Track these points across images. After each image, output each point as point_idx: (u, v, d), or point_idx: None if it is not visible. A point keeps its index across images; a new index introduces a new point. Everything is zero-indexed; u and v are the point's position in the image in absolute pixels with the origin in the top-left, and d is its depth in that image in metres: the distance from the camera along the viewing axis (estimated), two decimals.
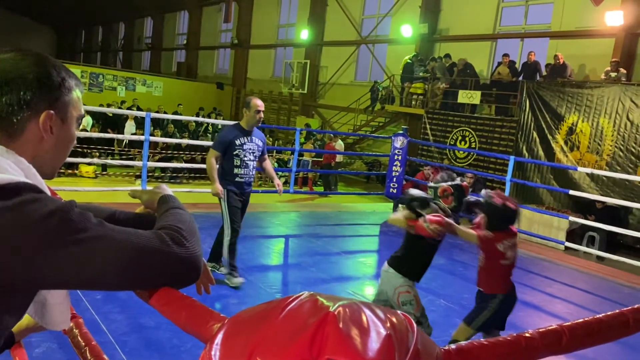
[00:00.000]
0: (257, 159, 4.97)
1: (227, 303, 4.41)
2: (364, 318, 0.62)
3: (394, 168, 9.56)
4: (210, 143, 13.12)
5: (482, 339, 0.84)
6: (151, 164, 8.76)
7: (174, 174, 11.62)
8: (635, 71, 11.00)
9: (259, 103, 4.80)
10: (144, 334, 3.78)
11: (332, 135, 13.94)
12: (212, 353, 0.63)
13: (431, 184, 3.69)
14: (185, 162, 11.75)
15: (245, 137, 4.80)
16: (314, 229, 8.02)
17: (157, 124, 14.47)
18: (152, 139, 8.45)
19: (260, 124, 5.03)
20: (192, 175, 11.63)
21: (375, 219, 9.29)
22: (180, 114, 15.99)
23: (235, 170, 4.79)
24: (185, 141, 11.35)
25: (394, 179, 9.55)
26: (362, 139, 16.47)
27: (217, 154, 4.76)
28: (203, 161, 12.48)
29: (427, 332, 3.59)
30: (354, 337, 0.58)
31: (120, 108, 15.82)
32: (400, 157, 9.49)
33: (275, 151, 13.93)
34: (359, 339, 0.58)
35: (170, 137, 12.95)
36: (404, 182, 9.67)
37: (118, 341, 3.57)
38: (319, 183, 12.97)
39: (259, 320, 0.64)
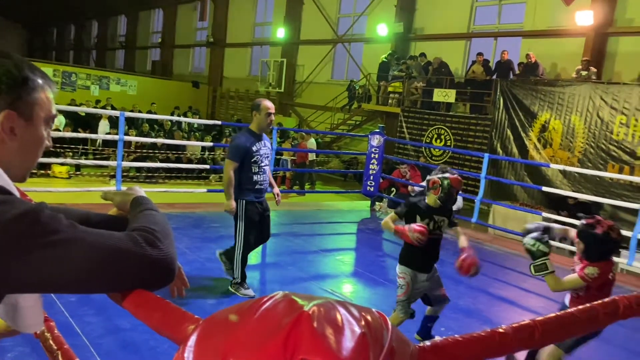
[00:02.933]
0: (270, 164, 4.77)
1: (204, 304, 4.37)
2: (338, 317, 0.62)
3: (370, 166, 9.60)
4: (188, 142, 13.04)
5: (456, 335, 0.85)
6: (126, 163, 8.63)
7: (150, 174, 11.48)
8: (605, 70, 11.25)
9: (269, 105, 4.54)
10: (120, 336, 3.72)
11: (303, 134, 13.95)
12: (186, 355, 0.63)
13: (428, 177, 3.83)
14: (161, 161, 11.62)
15: (259, 142, 4.51)
16: (292, 228, 8.01)
17: (132, 123, 14.28)
18: (127, 138, 8.32)
19: (271, 127, 4.86)
20: (168, 175, 11.51)
21: (352, 217, 9.32)
22: (155, 113, 15.79)
23: (255, 178, 4.51)
24: (160, 140, 11.21)
25: (371, 177, 9.59)
26: (339, 137, 16.51)
27: (236, 165, 4.42)
28: (178, 160, 12.36)
29: (402, 317, 3.78)
30: (328, 336, 0.57)
31: (96, 108, 15.57)
32: (377, 156, 9.53)
33: None
34: (334, 338, 0.58)
35: (145, 136, 12.79)
36: (381, 180, 9.72)
37: (93, 344, 3.51)
38: (298, 182, 12.97)
39: (232, 322, 0.63)
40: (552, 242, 3.26)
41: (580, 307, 1.08)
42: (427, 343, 0.80)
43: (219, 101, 23.27)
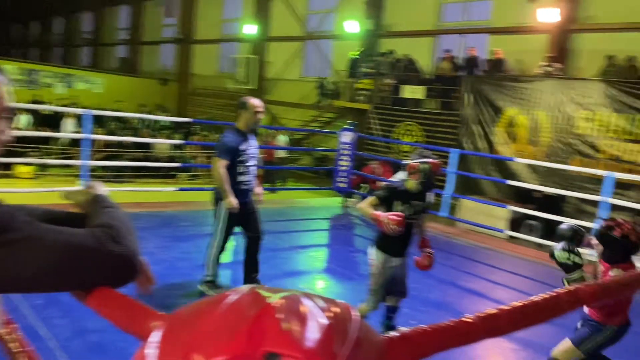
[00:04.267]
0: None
1: (173, 303, 4.30)
2: (303, 309, 0.61)
3: (341, 163, 9.63)
4: (157, 140, 12.86)
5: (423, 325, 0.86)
6: (92, 163, 8.45)
7: (117, 173, 11.27)
8: (569, 65, 11.54)
9: (257, 103, 4.43)
10: (88, 338, 3.65)
11: (272, 131, 13.93)
12: (147, 351, 0.61)
13: (405, 162, 3.83)
14: (129, 160, 11.42)
15: (246, 142, 4.41)
16: (264, 225, 7.98)
17: (99, 121, 13.99)
18: (93, 137, 8.15)
19: (258, 126, 4.65)
20: (136, 174, 11.32)
21: (324, 213, 9.34)
22: (121, 111, 15.51)
23: (240, 178, 4.41)
24: (128, 139, 11.02)
25: (342, 174, 9.63)
26: (311, 134, 16.52)
27: (226, 163, 4.30)
28: (146, 159, 12.17)
29: (372, 306, 3.81)
30: (293, 327, 0.57)
31: (61, 106, 15.20)
32: (347, 152, 9.57)
33: None
34: (298, 330, 0.57)
35: (113, 135, 12.55)
36: (352, 177, 9.76)
37: (61, 346, 3.43)
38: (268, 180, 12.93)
39: (197, 316, 0.62)
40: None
41: (543, 295, 1.11)
42: (395, 333, 0.80)
43: (188, 98, 22.99)
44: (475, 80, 11.32)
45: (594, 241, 3.15)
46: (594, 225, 6.53)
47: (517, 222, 8.79)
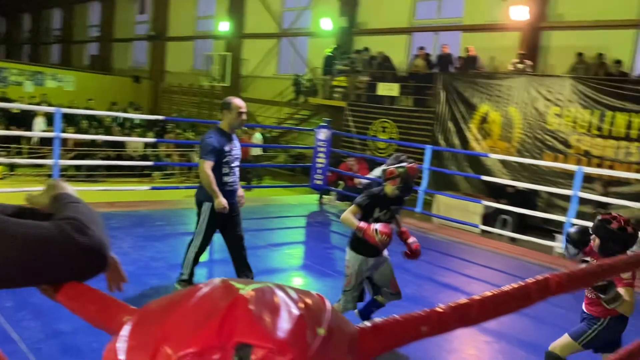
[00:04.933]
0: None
1: (147, 301, 4.26)
2: (275, 299, 0.61)
3: (318, 160, 9.64)
4: (130, 138, 12.67)
5: (396, 315, 0.87)
6: (64, 162, 8.29)
7: (90, 172, 11.08)
8: (540, 62, 11.75)
9: (240, 103, 4.36)
10: (61, 340, 3.58)
11: (246, 129, 13.87)
12: (118, 345, 0.61)
13: (382, 167, 3.81)
14: (101, 159, 11.23)
15: (230, 142, 4.34)
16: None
17: (70, 120, 13.72)
18: (64, 135, 7.99)
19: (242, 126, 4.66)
20: (109, 172, 11.14)
21: (301, 210, 9.33)
22: (92, 110, 15.23)
23: (225, 179, 4.32)
24: (101, 137, 10.84)
25: (318, 171, 9.64)
26: (287, 132, 16.48)
27: (212, 163, 4.22)
28: (119, 158, 11.98)
29: (347, 306, 3.81)
30: (265, 318, 0.57)
31: (34, 105, 14.86)
32: (323, 149, 9.58)
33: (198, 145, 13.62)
34: (270, 320, 0.57)
35: (84, 133, 12.32)
36: (329, 174, 9.78)
37: (32, 349, 3.36)
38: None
39: (167, 309, 0.62)
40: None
41: (514, 285, 1.13)
42: (368, 324, 0.81)
43: (161, 96, 22.71)
44: (449, 77, 11.44)
45: (592, 237, 3.17)
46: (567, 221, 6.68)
47: (490, 217, 8.93)
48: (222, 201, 4.25)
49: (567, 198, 7.55)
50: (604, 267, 1.46)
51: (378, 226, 3.51)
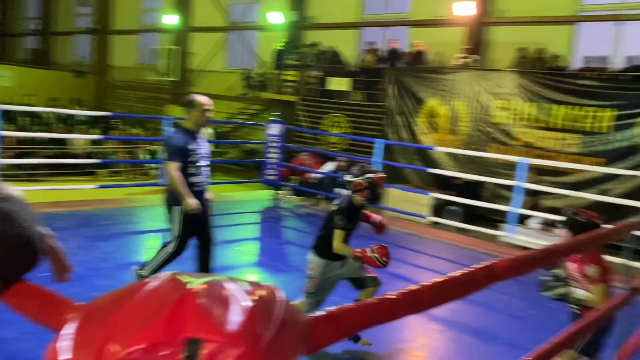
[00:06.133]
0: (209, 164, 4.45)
1: None
2: (225, 292, 0.60)
3: (270, 155, 9.59)
4: (74, 136, 12.20)
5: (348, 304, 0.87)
6: (4, 161, 7.90)
7: (32, 171, 10.61)
8: (484, 57, 12.10)
9: (204, 100, 4.23)
10: (3, 347, 3.43)
11: None
12: (60, 344, 0.58)
13: (347, 178, 3.78)
14: (44, 157, 10.78)
15: (195, 141, 4.21)
16: None
17: (9, 117, 13.09)
18: (3, 133, 7.61)
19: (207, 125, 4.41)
20: (53, 171, 10.71)
21: (254, 206, 9.27)
22: (32, 106, 14.59)
23: (192, 179, 4.19)
24: (44, 135, 10.39)
25: (271, 166, 9.60)
26: (238, 126, 16.30)
27: (179, 165, 4.08)
28: (65, 156, 11.53)
29: (308, 309, 3.74)
30: (214, 312, 0.56)
31: None
32: (276, 144, 9.54)
33: (145, 142, 13.30)
34: (220, 313, 0.56)
35: (25, 131, 11.78)
36: (282, 169, 9.75)
37: None
38: None
39: (113, 305, 0.60)
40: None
41: (462, 270, 1.16)
42: (321, 313, 0.81)
43: (106, 91, 21.98)
44: (398, 72, 11.61)
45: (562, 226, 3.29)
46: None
47: (439, 208, 9.14)
48: (192, 202, 4.11)
49: (510, 188, 7.82)
50: (546, 251, 1.53)
51: (374, 248, 3.56)
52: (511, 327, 4.74)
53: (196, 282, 0.60)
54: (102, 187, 8.54)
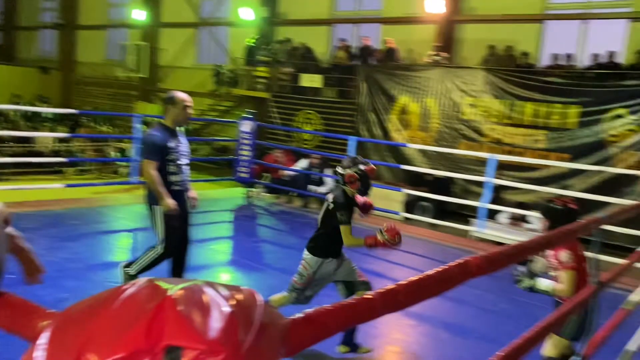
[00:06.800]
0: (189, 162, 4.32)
1: (65, 306, 4.02)
2: (205, 298, 0.60)
3: (242, 152, 9.52)
4: (40, 134, 11.90)
5: (327, 305, 0.88)
6: None
7: None
8: (455, 55, 12.25)
9: (185, 97, 4.13)
10: None
11: (155, 119, 13.47)
12: (36, 354, 0.57)
13: (339, 171, 3.74)
14: (8, 156, 10.48)
15: (175, 138, 4.09)
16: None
17: None
18: None
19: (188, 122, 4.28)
20: (18, 170, 10.42)
21: (227, 204, 9.19)
22: None
23: (172, 178, 4.07)
24: (10, 133, 10.10)
25: (244, 164, 9.53)
26: (209, 123, 16.14)
27: (156, 164, 3.95)
28: (31, 154, 11.23)
29: (289, 301, 3.76)
30: (194, 319, 0.55)
31: None
32: (248, 141, 9.48)
33: (114, 140, 13.06)
34: (200, 320, 0.56)
35: None
36: (254, 166, 9.69)
37: None
38: None
39: (90, 313, 0.58)
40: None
41: (437, 269, 1.18)
42: (300, 315, 0.81)
43: (73, 88, 21.47)
44: (370, 69, 11.67)
45: (540, 217, 3.35)
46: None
47: (411, 204, 9.24)
48: (169, 202, 4.01)
49: (480, 184, 7.95)
50: (517, 248, 1.56)
51: (384, 231, 3.53)
52: (483, 321, 4.83)
53: (175, 288, 0.59)
54: (69, 186, 8.36)
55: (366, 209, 3.94)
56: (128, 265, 4.35)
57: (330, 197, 3.76)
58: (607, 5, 11.06)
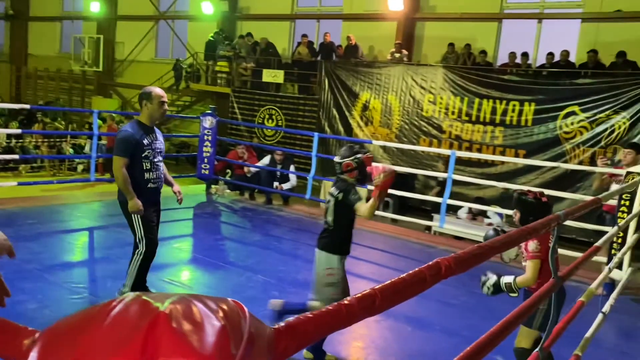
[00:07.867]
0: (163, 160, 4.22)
1: (25, 309, 3.91)
2: (196, 313, 0.60)
3: (204, 149, 9.41)
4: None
5: (307, 313, 0.89)
6: None
7: None
8: (415, 52, 12.43)
9: (161, 93, 4.06)
10: None
11: (113, 115, 13.20)
12: None
13: (337, 160, 3.69)
14: None
15: (150, 135, 4.03)
16: (121, 219, 7.52)
17: None
18: None
19: (164, 118, 4.16)
20: None
21: (188, 201, 9.06)
22: None
23: (147, 176, 4.01)
24: None
25: (205, 160, 9.42)
26: (168, 119, 15.85)
27: (126, 161, 3.90)
28: None
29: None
30: (189, 334, 0.56)
31: None
32: (210, 137, 9.37)
33: (70, 136, 12.67)
34: (195, 336, 0.56)
35: None
36: (216, 163, 9.59)
37: None
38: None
39: (79, 331, 0.57)
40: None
41: (410, 272, 1.21)
42: (282, 324, 0.82)
43: (24, 82, 20.69)
44: (332, 65, 11.71)
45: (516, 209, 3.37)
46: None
47: None
48: (136, 203, 3.94)
49: (440, 180, 8.11)
50: (484, 248, 1.61)
51: (380, 172, 3.37)
52: (445, 314, 4.94)
53: (165, 304, 0.59)
54: (21, 184, 8.08)
55: (384, 185, 3.51)
56: (123, 286, 4.26)
57: (334, 190, 3.69)
58: (561, 6, 11.45)
